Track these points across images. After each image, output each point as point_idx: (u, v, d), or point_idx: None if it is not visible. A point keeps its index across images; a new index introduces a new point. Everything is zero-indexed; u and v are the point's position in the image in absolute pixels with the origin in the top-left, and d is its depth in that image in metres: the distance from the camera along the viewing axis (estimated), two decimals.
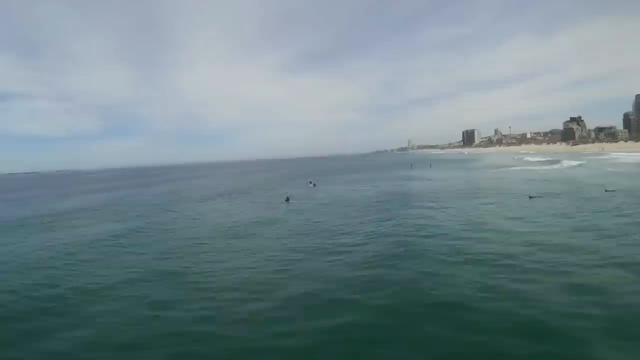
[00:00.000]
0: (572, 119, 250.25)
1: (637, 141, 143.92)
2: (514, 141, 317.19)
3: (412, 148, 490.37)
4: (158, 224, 28.40)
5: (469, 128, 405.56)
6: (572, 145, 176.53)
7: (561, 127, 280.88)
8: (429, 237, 18.57)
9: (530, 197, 29.65)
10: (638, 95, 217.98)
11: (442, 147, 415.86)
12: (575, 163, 74.48)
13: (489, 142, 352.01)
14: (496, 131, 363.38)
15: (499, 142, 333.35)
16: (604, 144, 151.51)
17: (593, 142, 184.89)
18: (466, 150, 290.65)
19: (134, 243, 21.80)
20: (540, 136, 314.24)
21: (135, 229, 26.66)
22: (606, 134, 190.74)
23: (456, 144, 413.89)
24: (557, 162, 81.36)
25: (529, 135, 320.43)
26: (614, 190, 30.73)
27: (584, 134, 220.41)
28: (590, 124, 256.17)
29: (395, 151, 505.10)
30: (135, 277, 14.92)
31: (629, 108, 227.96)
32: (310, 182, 60.51)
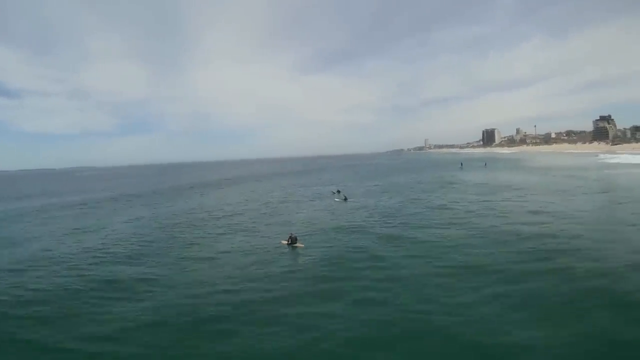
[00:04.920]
0: (602, 118, 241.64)
1: None
2: (538, 141, 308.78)
3: (429, 147, 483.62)
4: None
5: (485, 128, 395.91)
6: (612, 145, 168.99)
7: (578, 128, 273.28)
8: None
9: None
10: None
11: (461, 147, 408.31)
12: None
13: (511, 141, 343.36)
14: (518, 130, 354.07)
15: (522, 141, 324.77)
16: None
17: (630, 142, 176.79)
18: (499, 150, 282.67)
19: None
20: (564, 136, 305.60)
21: None
22: None
23: (475, 143, 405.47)
24: None
25: (553, 135, 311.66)
26: None
27: (619, 133, 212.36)
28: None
29: (412, 150, 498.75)
30: None
31: None
32: (339, 193, 46.54)
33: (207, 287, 16.00)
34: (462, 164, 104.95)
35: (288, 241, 22.41)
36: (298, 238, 22.65)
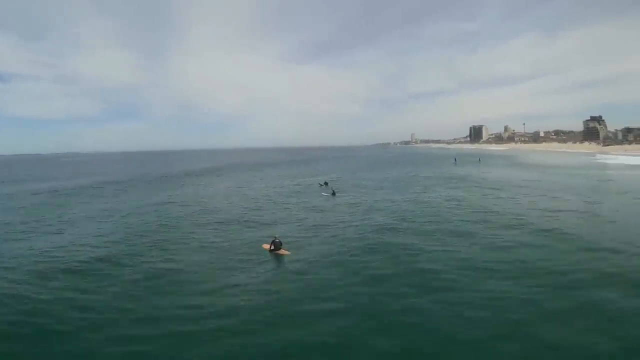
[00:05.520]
0: (593, 118, 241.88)
1: None
2: (526, 139, 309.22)
3: (416, 142, 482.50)
4: None
5: (472, 124, 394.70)
6: (603, 146, 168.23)
7: (567, 128, 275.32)
8: None
9: None
10: None
11: (448, 142, 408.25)
12: None
13: (499, 138, 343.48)
14: (506, 128, 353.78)
15: (510, 139, 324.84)
16: None
17: (622, 143, 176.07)
18: (488, 146, 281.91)
19: None
20: (553, 135, 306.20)
21: None
22: (636, 136, 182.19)
23: (462, 139, 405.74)
24: None
25: (541, 134, 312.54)
26: None
27: (609, 134, 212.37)
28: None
29: (398, 144, 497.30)
30: None
31: None
32: (326, 185, 43.54)
33: (158, 322, 11.64)
34: (455, 159, 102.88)
35: (271, 246, 18.75)
36: (283, 243, 18.90)
